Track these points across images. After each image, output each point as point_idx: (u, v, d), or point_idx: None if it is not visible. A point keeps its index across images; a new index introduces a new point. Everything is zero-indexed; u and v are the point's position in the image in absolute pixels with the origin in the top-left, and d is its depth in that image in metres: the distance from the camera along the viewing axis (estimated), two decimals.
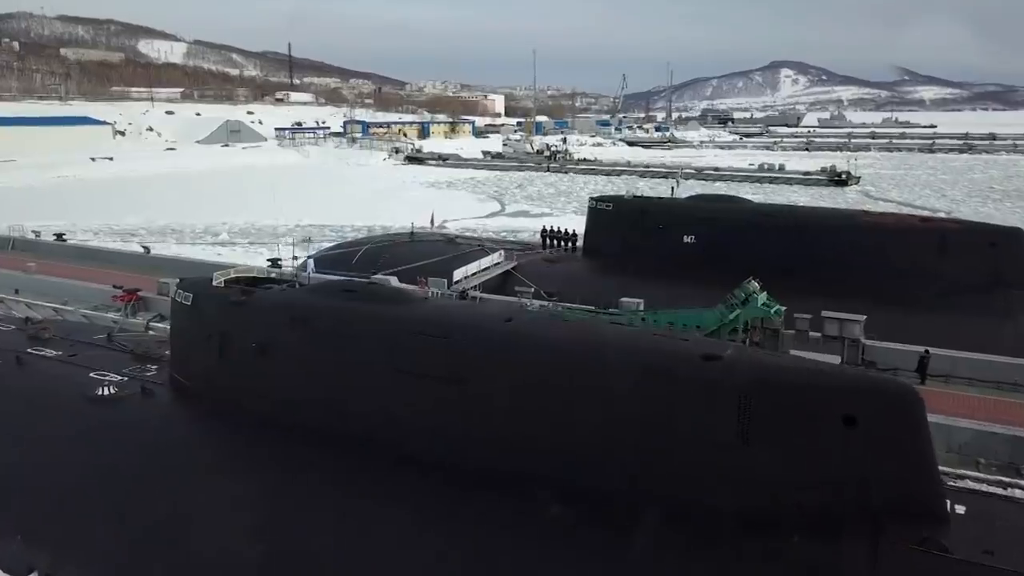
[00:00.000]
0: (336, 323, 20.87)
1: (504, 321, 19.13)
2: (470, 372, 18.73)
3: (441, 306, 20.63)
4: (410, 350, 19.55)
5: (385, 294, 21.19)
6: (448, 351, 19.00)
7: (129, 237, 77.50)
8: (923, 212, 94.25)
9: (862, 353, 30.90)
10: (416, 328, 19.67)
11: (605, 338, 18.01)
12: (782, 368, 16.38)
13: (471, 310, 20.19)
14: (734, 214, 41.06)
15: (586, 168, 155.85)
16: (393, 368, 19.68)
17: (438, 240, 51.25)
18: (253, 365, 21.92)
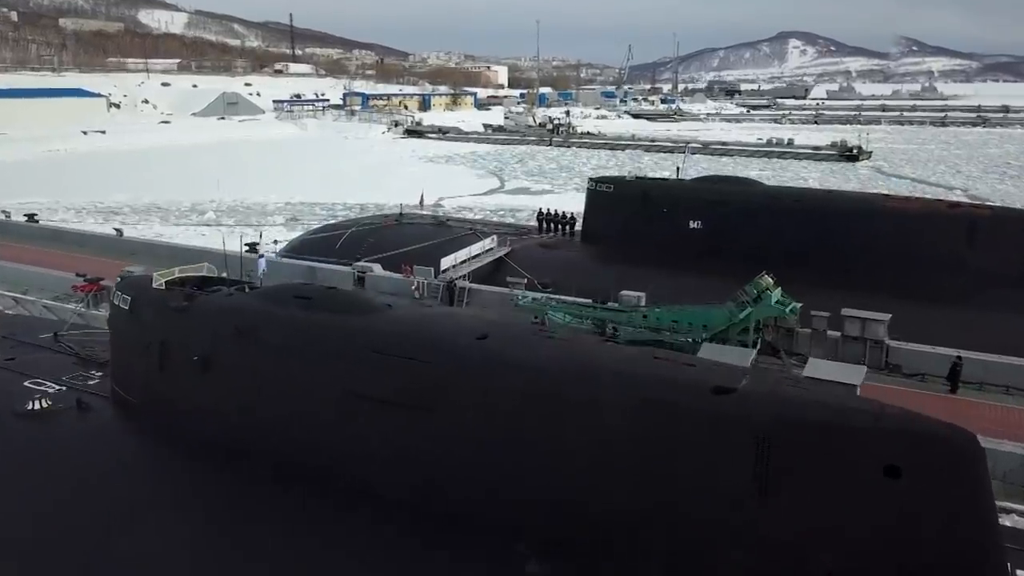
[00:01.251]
0: (286, 336, 18.04)
1: (478, 338, 16.27)
2: (437, 399, 15.94)
3: (407, 318, 17.75)
4: (368, 371, 16.75)
5: (343, 302, 18.30)
6: (412, 373, 16.19)
7: (112, 216, 74.59)
8: (938, 189, 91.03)
9: (886, 356, 28.03)
10: (376, 344, 16.84)
11: (597, 362, 15.13)
12: (810, 405, 13.48)
13: (441, 323, 17.31)
14: (744, 198, 37.95)
15: (590, 142, 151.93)
16: (350, 391, 16.90)
17: (427, 223, 48.29)
18: (196, 381, 19.16)
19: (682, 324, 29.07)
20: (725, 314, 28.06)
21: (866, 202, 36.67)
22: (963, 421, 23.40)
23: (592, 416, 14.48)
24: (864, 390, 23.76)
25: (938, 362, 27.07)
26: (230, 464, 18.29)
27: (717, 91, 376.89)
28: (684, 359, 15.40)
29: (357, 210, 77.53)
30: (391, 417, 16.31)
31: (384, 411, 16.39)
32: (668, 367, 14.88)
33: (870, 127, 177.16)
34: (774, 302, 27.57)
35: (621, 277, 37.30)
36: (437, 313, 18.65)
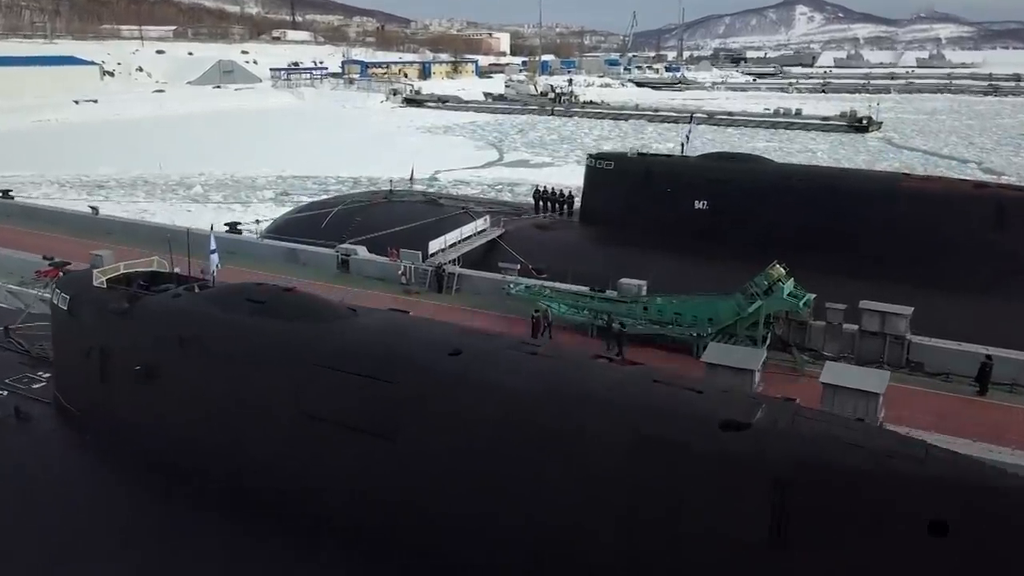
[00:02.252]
0: (234, 347, 15.86)
1: (450, 354, 14.06)
2: (400, 425, 13.81)
3: (371, 327, 15.53)
4: (324, 389, 14.60)
5: (299, 308, 16.07)
6: (372, 394, 14.04)
7: (96, 190, 72.28)
8: (951, 162, 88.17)
9: (907, 353, 25.77)
10: (334, 359, 14.66)
11: (586, 386, 12.93)
12: (837, 445, 11.27)
13: (409, 335, 15.10)
14: (752, 177, 35.47)
15: (592, 111, 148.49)
16: (304, 411, 14.77)
17: (418, 200, 45.84)
18: (138, 393, 17.05)
19: (686, 317, 26.82)
20: (732, 307, 25.79)
21: (884, 182, 34.19)
22: (994, 429, 20.98)
23: (579, 451, 12.32)
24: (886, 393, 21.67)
25: (964, 360, 24.78)
26: (174, 488, 16.21)
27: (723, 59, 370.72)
28: (687, 382, 13.18)
29: (350, 184, 75.09)
30: (349, 442, 14.21)
31: (341, 435, 14.28)
32: (669, 394, 12.67)
33: (879, 96, 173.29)
34: (786, 294, 25.27)
35: (621, 262, 34.98)
36: (406, 322, 16.40)
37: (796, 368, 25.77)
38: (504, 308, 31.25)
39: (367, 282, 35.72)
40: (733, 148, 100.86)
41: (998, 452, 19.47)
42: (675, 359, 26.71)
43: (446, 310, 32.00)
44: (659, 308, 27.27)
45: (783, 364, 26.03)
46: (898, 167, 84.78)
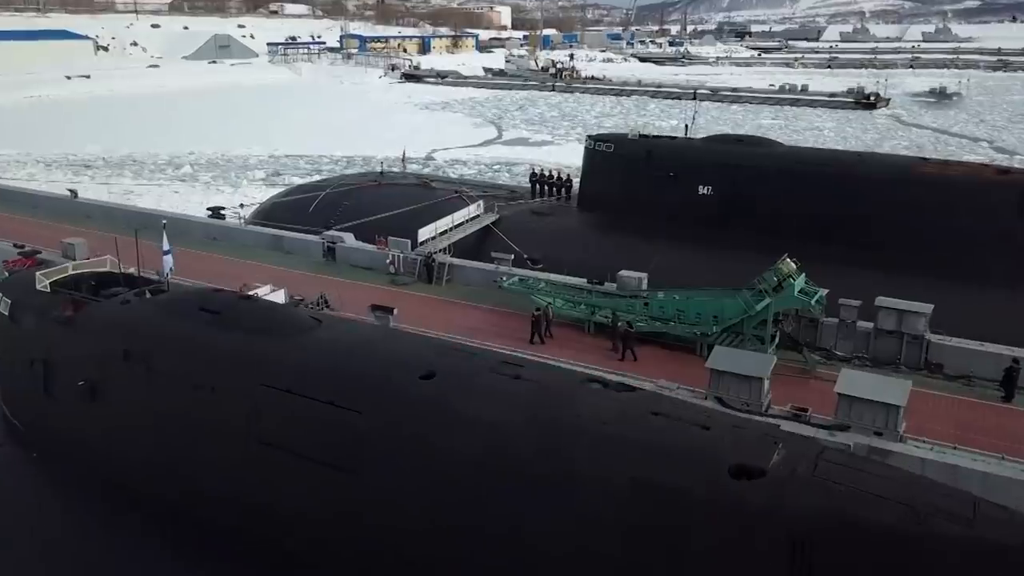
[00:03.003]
0: (183, 363, 14.17)
1: (421, 377, 12.36)
2: (364, 459, 12.15)
3: (336, 343, 13.81)
4: (282, 415, 12.92)
5: (258, 319, 14.36)
6: (334, 423, 12.37)
7: (83, 170, 70.30)
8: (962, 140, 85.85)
9: (925, 353, 24.03)
10: (293, 381, 12.98)
11: (576, 419, 11.24)
12: (869, 498, 9.57)
13: (377, 354, 13.39)
14: (761, 161, 33.51)
15: (594, 87, 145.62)
16: (258, 439, 13.10)
17: (410, 183, 43.90)
18: (82, 410, 15.40)
19: (689, 314, 25.07)
20: (739, 305, 24.03)
21: (900, 167, 32.21)
22: (1021, 440, 18.98)
23: (567, 497, 10.67)
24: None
25: (988, 362, 23.07)
26: (119, 514, 14.64)
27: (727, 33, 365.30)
28: (692, 414, 11.48)
29: (344, 164, 73.13)
30: (307, 474, 12.56)
31: (299, 466, 12.63)
32: (671, 430, 10.96)
33: (886, 71, 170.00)
34: (797, 292, 23.49)
35: (621, 251, 33.17)
36: (374, 336, 14.67)
37: (807, 369, 24.09)
38: (497, 301, 29.51)
39: (354, 271, 33.99)
40: (737, 126, 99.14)
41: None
42: (677, 358, 25.04)
43: (435, 303, 30.29)
44: (661, 304, 25.53)
45: (792, 364, 24.35)
46: (907, 145, 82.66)
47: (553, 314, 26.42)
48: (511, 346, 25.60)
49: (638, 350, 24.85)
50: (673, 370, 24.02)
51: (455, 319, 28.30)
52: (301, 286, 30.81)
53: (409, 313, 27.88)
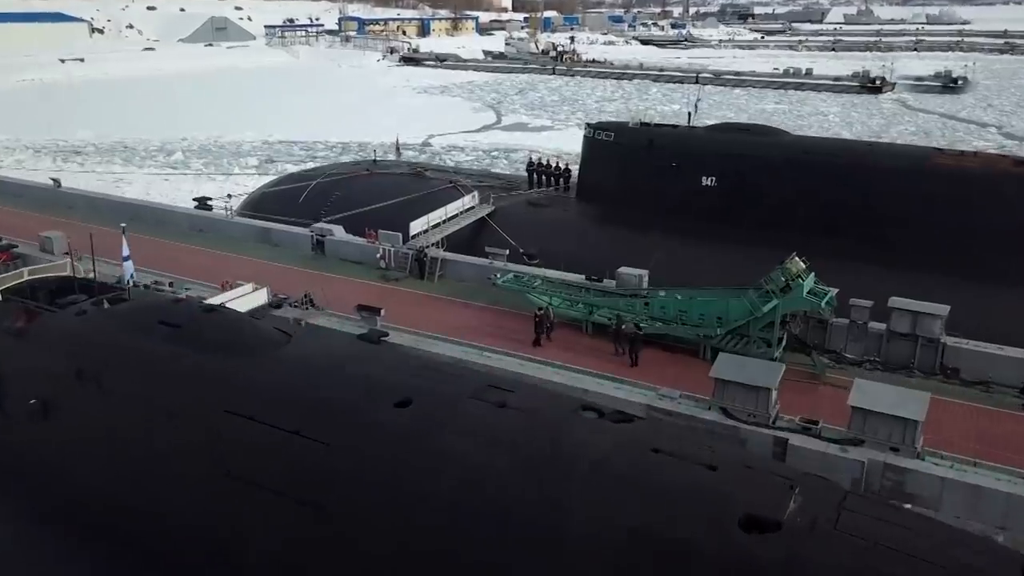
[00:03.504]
0: (139, 384, 12.95)
1: (396, 404, 11.14)
2: (334, 495, 10.94)
3: (305, 362, 12.56)
4: (244, 443, 11.71)
5: (221, 334, 13.12)
6: (300, 455, 11.17)
7: (72, 156, 68.92)
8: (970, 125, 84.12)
9: (941, 357, 22.79)
10: (256, 407, 11.75)
11: (567, 459, 10.01)
12: (901, 557, 8.34)
13: (348, 375, 12.14)
14: (767, 150, 32.12)
15: (595, 71, 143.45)
16: (219, 469, 11.89)
17: (403, 173, 42.53)
18: (35, 430, 14.19)
19: (692, 315, 23.81)
20: (745, 306, 22.76)
21: (914, 158, 30.80)
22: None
23: (555, 548, 9.45)
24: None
25: (1007, 366, 21.86)
26: (70, 542, 13.48)
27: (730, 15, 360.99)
28: (696, 451, 10.24)
29: (339, 150, 71.68)
30: (272, 508, 11.35)
31: (264, 501, 11.43)
32: (673, 469, 9.73)
33: (892, 54, 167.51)
34: (806, 293, 22.22)
35: (620, 245, 31.93)
36: (347, 354, 13.39)
37: (815, 373, 22.87)
38: (492, 298, 28.26)
39: (343, 266, 32.72)
40: (740, 110, 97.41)
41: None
42: (679, 361, 23.83)
43: (426, 301, 29.04)
44: (662, 305, 24.26)
45: (800, 368, 23.14)
46: (914, 131, 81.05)
47: (555, 315, 25.15)
48: (507, 347, 24.45)
49: (621, 347, 23.72)
50: (675, 374, 22.83)
51: (447, 318, 27.07)
52: (287, 282, 29.60)
53: (398, 312, 26.67)
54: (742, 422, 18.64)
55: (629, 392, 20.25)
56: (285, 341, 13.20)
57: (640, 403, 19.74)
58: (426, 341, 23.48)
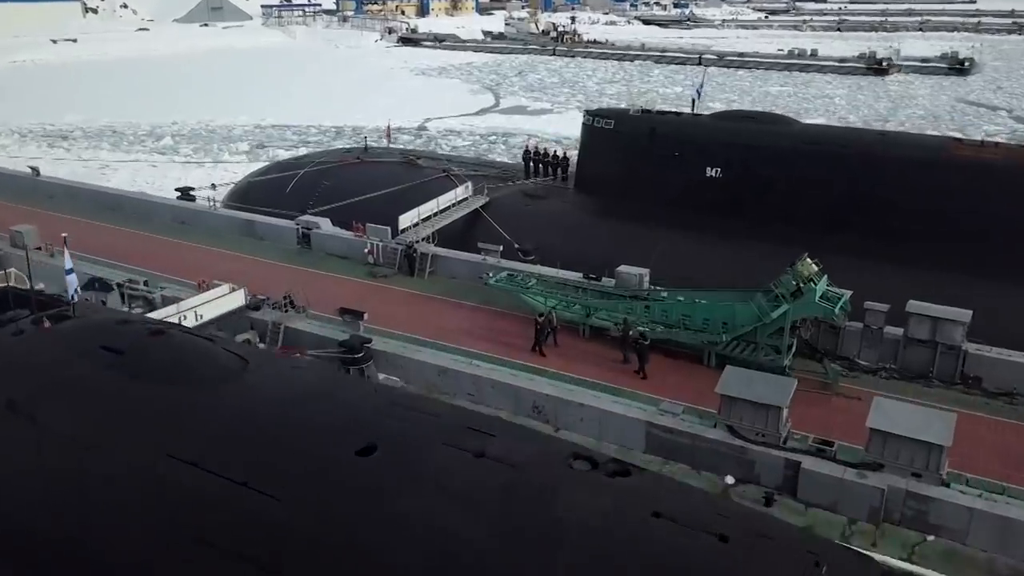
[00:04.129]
0: (75, 418, 11.49)
1: (359, 452, 9.68)
2: (286, 558, 9.48)
3: (261, 398, 11.13)
4: (187, 495, 10.25)
5: (167, 361, 11.64)
6: (249, 510, 9.72)
7: (59, 141, 67.25)
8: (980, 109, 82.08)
9: (962, 365, 21.35)
10: (200, 452, 10.30)
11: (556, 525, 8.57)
12: None
13: (310, 414, 10.68)
14: (775, 140, 30.47)
15: (596, 51, 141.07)
16: (160, 521, 10.43)
17: (394, 161, 40.89)
18: None
19: (696, 319, 22.34)
20: (752, 311, 21.28)
21: (930, 149, 29.14)
22: None
23: None
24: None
25: None
26: None
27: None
28: (703, 515, 8.79)
29: (332, 134, 69.97)
30: (219, 569, 9.93)
31: (209, 558, 9.99)
32: (677, 540, 8.30)
33: (897, 34, 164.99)
34: (818, 297, 20.72)
35: (620, 240, 30.43)
36: (309, 385, 11.91)
37: (828, 381, 21.44)
38: (485, 297, 26.80)
39: (329, 261, 31.30)
40: (744, 93, 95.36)
41: None
42: (681, 368, 22.43)
43: (415, 300, 27.58)
44: (664, 309, 22.77)
45: (811, 376, 21.71)
46: (922, 115, 79.17)
47: (558, 320, 23.65)
48: (499, 353, 23.05)
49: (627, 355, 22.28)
50: (677, 383, 21.43)
51: (437, 320, 25.62)
52: (269, 279, 28.14)
53: (384, 313, 25.24)
54: (750, 441, 17.23)
55: (627, 407, 18.82)
56: (240, 369, 11.71)
57: (640, 419, 18.33)
58: (411, 348, 22.05)
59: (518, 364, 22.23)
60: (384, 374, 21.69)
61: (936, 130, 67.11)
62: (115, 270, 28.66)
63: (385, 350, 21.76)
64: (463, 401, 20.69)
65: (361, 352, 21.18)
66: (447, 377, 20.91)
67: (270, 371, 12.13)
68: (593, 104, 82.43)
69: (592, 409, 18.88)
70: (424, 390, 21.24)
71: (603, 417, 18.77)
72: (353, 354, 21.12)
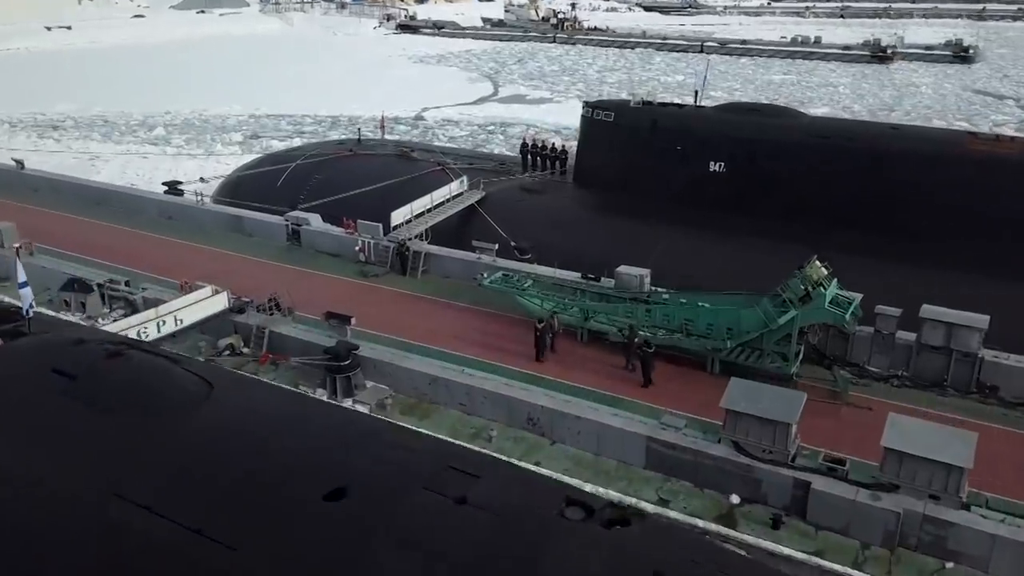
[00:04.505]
0: (21, 450, 10.50)
1: (327, 497, 8.69)
2: None
3: (222, 429, 10.14)
4: (136, 540, 9.26)
5: (124, 387, 10.64)
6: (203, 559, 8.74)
7: (49, 131, 66.05)
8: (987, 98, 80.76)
9: (978, 373, 20.34)
10: (150, 494, 9.29)
11: None
12: None
13: (275, 449, 9.69)
14: (781, 133, 29.38)
15: (597, 39, 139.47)
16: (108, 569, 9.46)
17: (389, 153, 39.80)
18: None
19: (699, 324, 21.31)
20: (759, 317, 20.25)
21: (944, 143, 27.99)
22: None
23: None
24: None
25: None
26: None
27: None
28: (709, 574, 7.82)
29: (327, 124, 68.81)
30: None
31: None
32: None
33: (901, 21, 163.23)
34: (828, 303, 19.69)
35: (620, 237, 29.40)
36: (278, 412, 10.90)
37: (837, 390, 20.46)
38: (480, 298, 25.75)
39: (320, 259, 30.23)
40: (747, 81, 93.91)
41: None
42: (683, 375, 21.41)
43: (407, 301, 26.55)
44: (665, 314, 21.75)
45: (819, 384, 20.74)
46: (928, 104, 77.88)
47: (560, 326, 22.61)
48: (493, 358, 22.02)
49: (632, 363, 21.27)
50: (679, 391, 20.44)
51: (429, 322, 24.60)
52: (257, 278, 27.13)
53: (374, 315, 24.22)
54: (756, 459, 16.25)
55: (627, 421, 17.82)
56: (203, 396, 10.70)
57: (640, 434, 17.34)
58: (400, 355, 21.02)
59: (513, 371, 21.23)
60: (372, 382, 20.68)
61: (943, 120, 66.03)
62: (96, 269, 27.65)
63: (373, 357, 20.74)
64: (455, 411, 19.76)
65: (348, 359, 20.18)
66: (438, 386, 19.91)
67: (235, 396, 11.10)
68: (594, 92, 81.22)
69: (590, 422, 17.89)
70: (414, 399, 20.34)
71: (601, 431, 17.79)
72: (339, 361, 20.12)
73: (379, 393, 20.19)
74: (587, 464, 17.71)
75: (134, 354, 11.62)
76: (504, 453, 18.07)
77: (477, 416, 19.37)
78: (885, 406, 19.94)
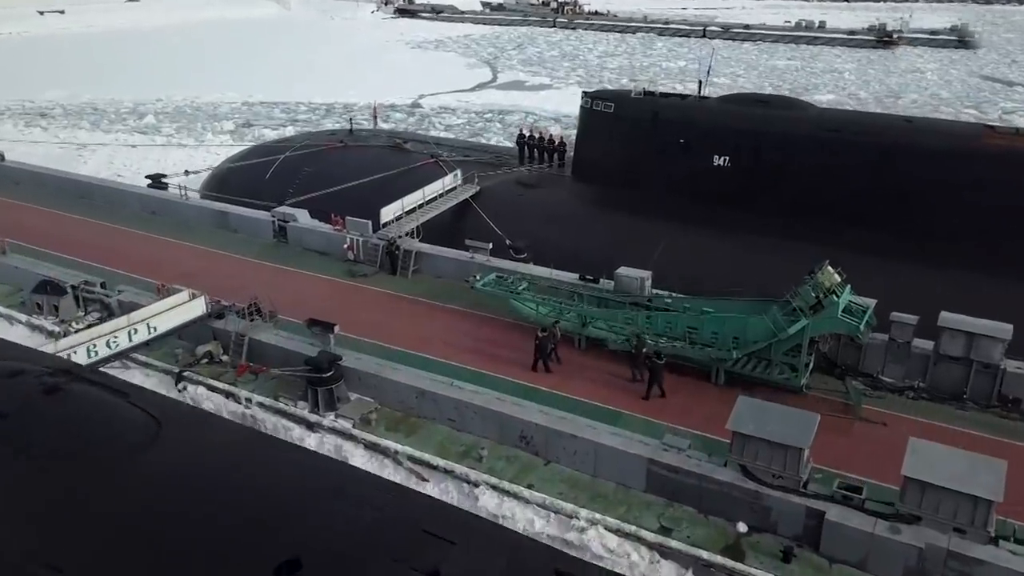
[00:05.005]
0: None
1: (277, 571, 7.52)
2: None
3: (167, 480, 8.93)
4: None
5: (64, 427, 9.46)
6: None
7: (37, 119, 64.61)
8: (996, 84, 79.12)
9: (999, 385, 19.14)
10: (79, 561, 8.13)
11: None
12: None
13: (224, 512, 8.50)
14: (789, 126, 27.99)
15: (598, 23, 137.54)
16: None
17: (381, 145, 38.45)
18: None
19: (704, 333, 20.10)
20: (767, 326, 19.03)
21: (959, 137, 26.58)
22: None
23: None
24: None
25: None
26: None
27: None
28: None
29: (322, 112, 67.36)
30: None
31: None
32: None
33: (906, 5, 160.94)
34: (841, 311, 18.47)
35: (620, 235, 28.13)
36: (230, 463, 9.69)
37: (849, 402, 19.30)
38: (472, 300, 24.54)
39: (307, 257, 29.03)
40: (750, 67, 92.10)
41: None
42: (686, 387, 20.21)
43: (396, 304, 25.34)
44: (668, 321, 20.53)
45: (829, 396, 19.59)
46: (934, 92, 76.24)
47: (561, 334, 21.35)
48: (489, 368, 20.78)
49: (640, 374, 20.04)
50: (682, 404, 19.28)
51: (418, 327, 23.39)
52: (240, 277, 25.97)
53: (361, 318, 23.05)
54: (766, 485, 15.10)
55: (627, 441, 16.65)
56: (149, 438, 9.50)
57: (641, 455, 16.18)
58: (386, 367, 19.82)
59: (507, 380, 20.06)
60: (356, 394, 19.52)
61: (951, 108, 64.49)
62: (72, 269, 26.46)
63: (358, 368, 19.56)
64: (443, 426, 18.61)
65: (330, 371, 19.01)
66: (425, 400, 18.74)
67: (185, 437, 9.89)
68: (594, 78, 79.69)
69: (586, 441, 16.73)
70: (401, 413, 19.18)
71: (599, 451, 16.63)
72: (321, 373, 18.94)
73: (363, 407, 19.03)
74: (583, 487, 16.58)
75: (76, 388, 10.39)
76: (495, 474, 16.97)
77: (467, 432, 18.23)
78: (900, 421, 18.87)
